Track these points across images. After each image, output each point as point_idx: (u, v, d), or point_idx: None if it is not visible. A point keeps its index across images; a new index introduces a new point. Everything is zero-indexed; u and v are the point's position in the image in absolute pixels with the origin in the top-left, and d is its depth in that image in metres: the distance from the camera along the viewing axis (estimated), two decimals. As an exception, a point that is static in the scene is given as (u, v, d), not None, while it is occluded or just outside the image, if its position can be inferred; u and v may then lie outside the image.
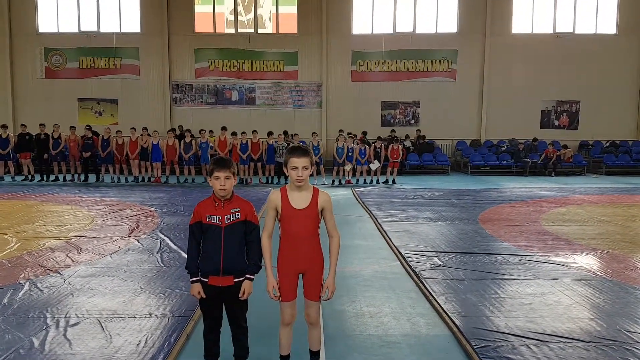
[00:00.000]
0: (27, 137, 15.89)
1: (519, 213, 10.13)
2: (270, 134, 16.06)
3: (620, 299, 5.10)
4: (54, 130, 15.79)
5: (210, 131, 16.72)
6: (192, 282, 3.36)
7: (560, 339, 4.08)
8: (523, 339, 4.06)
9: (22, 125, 16.29)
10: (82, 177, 15.81)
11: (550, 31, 20.81)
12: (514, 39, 20.78)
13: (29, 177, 15.80)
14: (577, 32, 20.77)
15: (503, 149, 20.23)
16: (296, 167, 3.21)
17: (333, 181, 15.76)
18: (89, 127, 16.09)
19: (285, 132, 17.15)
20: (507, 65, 20.79)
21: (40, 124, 15.93)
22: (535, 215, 9.83)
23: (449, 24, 20.85)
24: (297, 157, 3.21)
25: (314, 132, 17.23)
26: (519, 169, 19.32)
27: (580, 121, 21.28)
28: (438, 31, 20.87)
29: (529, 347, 3.92)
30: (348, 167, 15.64)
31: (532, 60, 20.73)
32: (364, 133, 19.05)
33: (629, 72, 20.80)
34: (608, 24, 20.77)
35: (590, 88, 20.86)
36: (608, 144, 20.71)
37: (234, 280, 3.32)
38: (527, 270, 6.04)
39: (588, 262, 6.51)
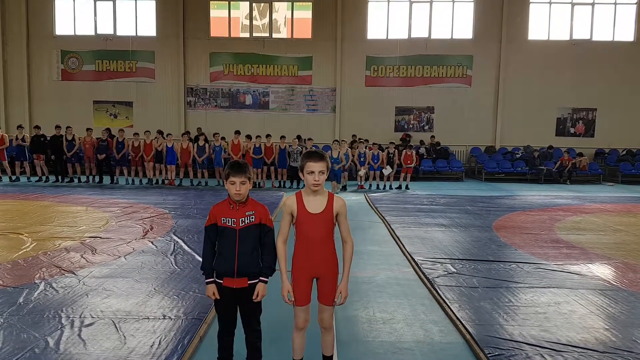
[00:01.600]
0: (41, 139, 16.08)
1: (534, 221, 10.04)
2: (282, 137, 16.12)
3: (635, 309, 5.03)
4: (67, 132, 15.96)
5: (223, 137, 16.76)
6: (207, 283, 3.40)
7: (574, 348, 4.04)
8: (537, 348, 4.02)
9: (36, 127, 16.41)
10: (97, 178, 15.97)
11: (567, 38, 20.62)
12: (530, 45, 20.63)
13: (43, 178, 15.98)
14: (594, 39, 20.58)
15: (518, 156, 20.06)
16: (312, 172, 3.22)
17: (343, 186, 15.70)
18: (107, 130, 16.27)
19: (299, 137, 17.17)
20: (522, 72, 20.64)
21: (57, 126, 16.12)
22: (550, 223, 9.73)
23: (464, 30, 20.76)
24: (314, 162, 3.22)
25: (337, 140, 16.60)
26: (534, 176, 19.14)
27: (597, 129, 21.05)
28: (453, 37, 20.77)
29: (543, 357, 3.88)
30: (362, 172, 15.60)
31: (548, 67, 20.54)
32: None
33: (646, 80, 20.56)
34: (626, 32, 20.56)
35: (606, 96, 20.64)
36: (624, 152, 20.46)
37: (248, 282, 3.35)
38: (541, 279, 5.98)
39: (603, 271, 6.44)
